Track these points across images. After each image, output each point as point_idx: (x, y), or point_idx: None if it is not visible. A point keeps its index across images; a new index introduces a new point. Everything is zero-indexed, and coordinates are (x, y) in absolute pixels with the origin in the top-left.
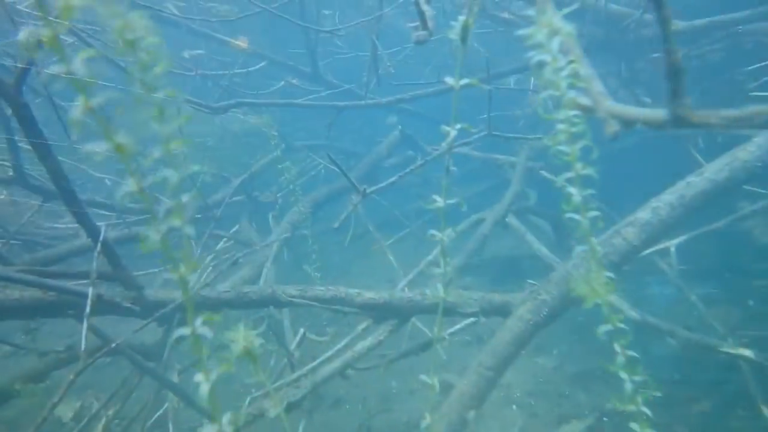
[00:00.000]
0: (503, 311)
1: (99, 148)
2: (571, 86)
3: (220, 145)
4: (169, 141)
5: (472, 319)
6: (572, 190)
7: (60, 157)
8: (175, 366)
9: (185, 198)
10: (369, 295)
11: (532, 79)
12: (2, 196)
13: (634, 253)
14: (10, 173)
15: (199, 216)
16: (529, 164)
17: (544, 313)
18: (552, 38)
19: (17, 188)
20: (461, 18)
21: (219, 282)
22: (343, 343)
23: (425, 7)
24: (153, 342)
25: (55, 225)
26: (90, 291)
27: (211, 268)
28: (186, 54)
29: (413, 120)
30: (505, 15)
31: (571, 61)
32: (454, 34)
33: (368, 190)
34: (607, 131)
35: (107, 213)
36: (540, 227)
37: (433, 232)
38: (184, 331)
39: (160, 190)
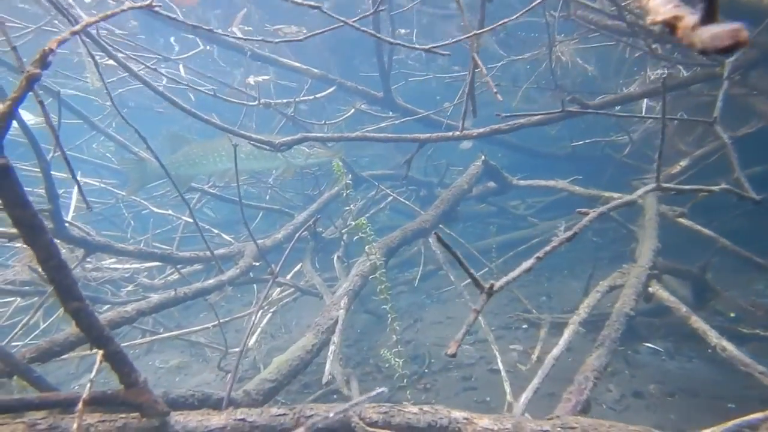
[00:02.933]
0: None
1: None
2: None
3: (283, 180)
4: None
5: None
6: None
7: (118, 192)
8: None
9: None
10: (483, 423)
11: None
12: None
13: None
14: (49, 225)
15: (257, 264)
16: (660, 210)
17: None
18: None
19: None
20: None
21: (274, 352)
22: None
23: None
24: None
25: (110, 265)
26: None
27: (270, 315)
28: (251, 80)
29: (485, 144)
30: (622, 24)
31: None
32: None
33: (495, 287)
34: None
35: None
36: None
37: None
38: None
39: (223, 218)
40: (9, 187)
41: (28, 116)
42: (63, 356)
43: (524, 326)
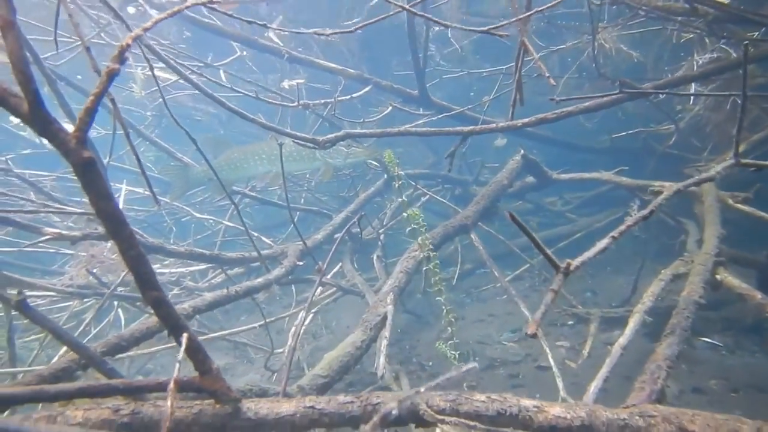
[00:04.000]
0: None
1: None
2: None
3: (322, 181)
4: (266, 181)
5: None
6: None
7: (161, 198)
8: None
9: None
10: (555, 411)
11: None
12: (109, 244)
13: None
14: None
15: (300, 263)
16: (720, 195)
17: None
18: None
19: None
20: None
21: (317, 352)
22: None
23: None
24: None
25: (159, 270)
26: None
27: (311, 316)
28: (286, 84)
29: (521, 139)
30: (677, 4)
31: None
32: None
33: (572, 266)
34: None
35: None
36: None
37: None
38: None
39: (262, 224)
40: (94, 179)
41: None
42: (128, 352)
43: (570, 322)
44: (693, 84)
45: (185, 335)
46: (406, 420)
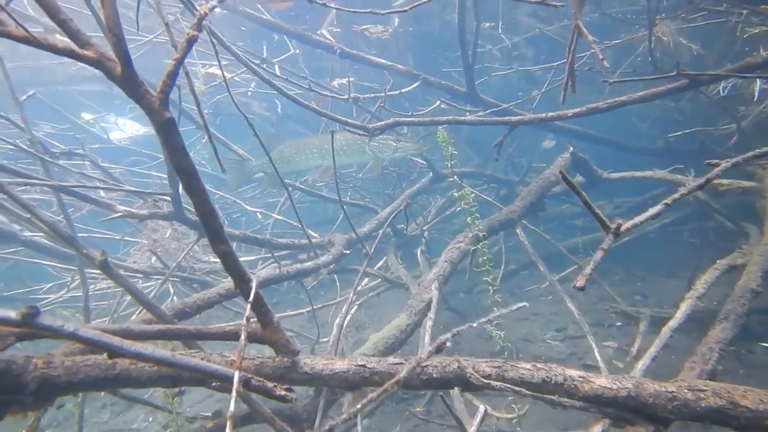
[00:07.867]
0: None
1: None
2: None
3: (372, 176)
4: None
5: None
6: None
7: (215, 192)
8: None
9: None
10: (601, 382)
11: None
12: (168, 233)
13: None
14: (168, 208)
15: (347, 252)
16: None
17: None
18: None
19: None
20: None
21: (361, 344)
22: None
23: None
24: (304, 398)
25: (212, 259)
26: (236, 377)
27: (356, 307)
28: (336, 83)
29: (571, 140)
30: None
31: None
32: None
33: (623, 227)
34: None
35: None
36: None
37: None
38: None
39: (307, 221)
40: (173, 137)
41: (137, 126)
42: (191, 317)
43: (618, 323)
44: (758, 81)
45: (252, 286)
46: (453, 384)
